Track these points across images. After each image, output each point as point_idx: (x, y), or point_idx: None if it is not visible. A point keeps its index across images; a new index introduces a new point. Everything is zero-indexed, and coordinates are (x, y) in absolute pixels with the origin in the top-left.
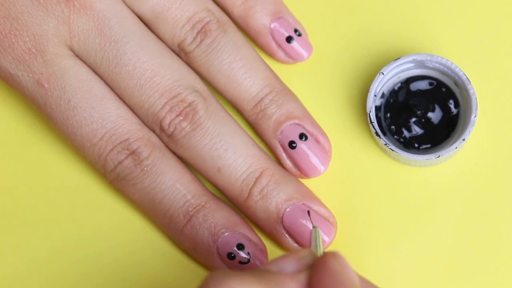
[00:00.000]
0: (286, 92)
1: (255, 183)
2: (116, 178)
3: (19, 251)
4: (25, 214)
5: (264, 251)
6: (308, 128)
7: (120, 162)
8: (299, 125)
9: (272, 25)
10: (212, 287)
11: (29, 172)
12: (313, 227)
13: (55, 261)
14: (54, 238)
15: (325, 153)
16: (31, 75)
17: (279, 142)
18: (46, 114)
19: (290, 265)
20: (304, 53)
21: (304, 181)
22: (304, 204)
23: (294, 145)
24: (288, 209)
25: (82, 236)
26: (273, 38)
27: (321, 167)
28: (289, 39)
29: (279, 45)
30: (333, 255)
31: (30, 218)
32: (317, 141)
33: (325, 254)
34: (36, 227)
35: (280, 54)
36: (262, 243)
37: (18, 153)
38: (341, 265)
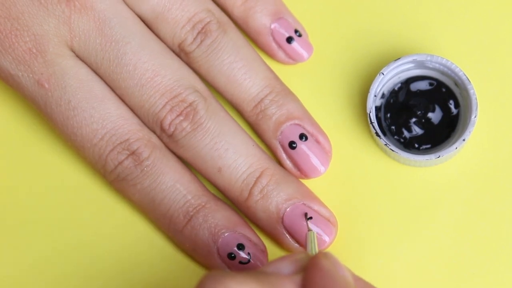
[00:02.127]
0: (286, 92)
1: (255, 183)
2: (116, 178)
3: (19, 251)
4: (25, 214)
5: (264, 251)
6: (308, 129)
7: (120, 163)
8: (299, 125)
9: (272, 26)
10: (209, 286)
11: (29, 172)
12: (309, 230)
13: (55, 261)
14: (54, 238)
15: (325, 153)
16: (31, 75)
17: (279, 142)
18: (46, 114)
19: (286, 266)
20: (304, 53)
21: (304, 181)
22: (304, 204)
23: (294, 145)
24: (288, 209)
25: (81, 236)
26: (274, 38)
27: (321, 168)
28: (289, 40)
29: (279, 46)
30: (324, 255)
31: (30, 218)
32: (317, 142)
33: (316, 255)
34: (36, 227)
35: (280, 54)
36: (262, 243)
37: (18, 153)
38: (332, 264)
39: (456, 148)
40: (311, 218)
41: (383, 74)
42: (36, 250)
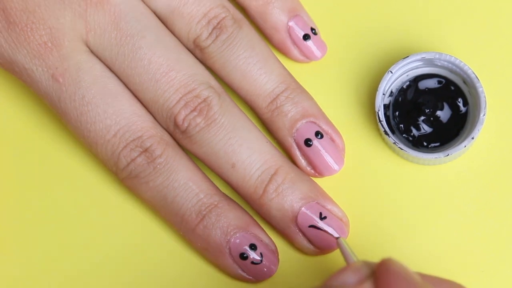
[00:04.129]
0: (301, 90)
1: (270, 180)
2: (128, 175)
3: (25, 251)
4: (33, 212)
5: (275, 251)
6: (323, 127)
7: (133, 160)
8: (315, 123)
9: (290, 23)
10: None
11: (37, 170)
12: (337, 237)
13: (64, 260)
14: (63, 237)
15: (340, 152)
16: (45, 69)
17: (294, 140)
18: (60, 109)
19: (351, 277)
20: (318, 52)
21: (314, 180)
22: (318, 203)
23: (310, 143)
24: (303, 208)
25: (91, 234)
26: (290, 35)
27: (335, 166)
28: (305, 37)
29: (295, 43)
30: (391, 260)
31: (38, 216)
32: (332, 140)
33: (384, 260)
34: (43, 225)
35: (295, 52)
36: (273, 243)
37: (20, 153)
38: (402, 267)
39: (465, 146)
40: (325, 217)
41: (391, 72)
42: (43, 249)
